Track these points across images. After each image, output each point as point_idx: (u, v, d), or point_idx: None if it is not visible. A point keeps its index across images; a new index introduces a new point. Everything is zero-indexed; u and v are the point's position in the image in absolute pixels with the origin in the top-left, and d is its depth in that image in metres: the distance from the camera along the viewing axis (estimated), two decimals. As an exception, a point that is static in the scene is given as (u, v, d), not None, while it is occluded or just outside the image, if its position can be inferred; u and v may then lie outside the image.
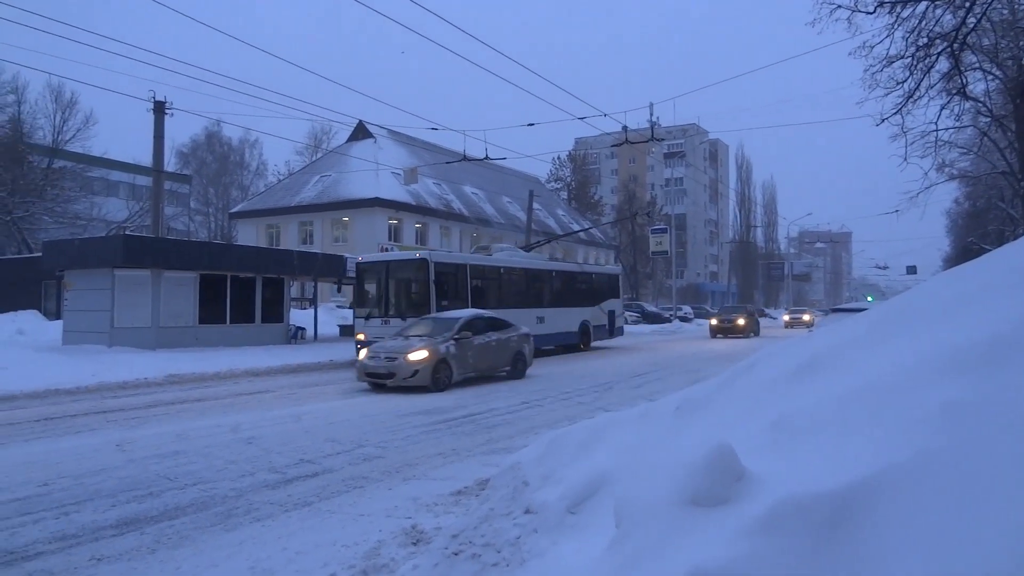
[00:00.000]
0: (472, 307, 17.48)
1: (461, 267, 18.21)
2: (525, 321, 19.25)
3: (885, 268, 69.64)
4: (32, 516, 5.05)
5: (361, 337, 17.10)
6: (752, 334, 32.09)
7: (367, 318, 17.31)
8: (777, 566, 1.99)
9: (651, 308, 47.53)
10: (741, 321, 32.07)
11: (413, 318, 16.11)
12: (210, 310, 19.67)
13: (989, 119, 20.38)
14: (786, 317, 45.54)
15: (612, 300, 24.91)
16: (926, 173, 19.57)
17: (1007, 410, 2.16)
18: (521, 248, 24.70)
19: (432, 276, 16.51)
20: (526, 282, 20.85)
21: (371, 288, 17.95)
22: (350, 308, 22.91)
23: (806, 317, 43.11)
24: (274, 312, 21.65)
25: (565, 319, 21.70)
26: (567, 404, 10.82)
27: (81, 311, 18.44)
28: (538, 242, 28.49)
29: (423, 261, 16.88)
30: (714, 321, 33.16)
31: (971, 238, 36.87)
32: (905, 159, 16.47)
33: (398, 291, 17.65)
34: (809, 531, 2.03)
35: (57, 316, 21.97)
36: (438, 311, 16.15)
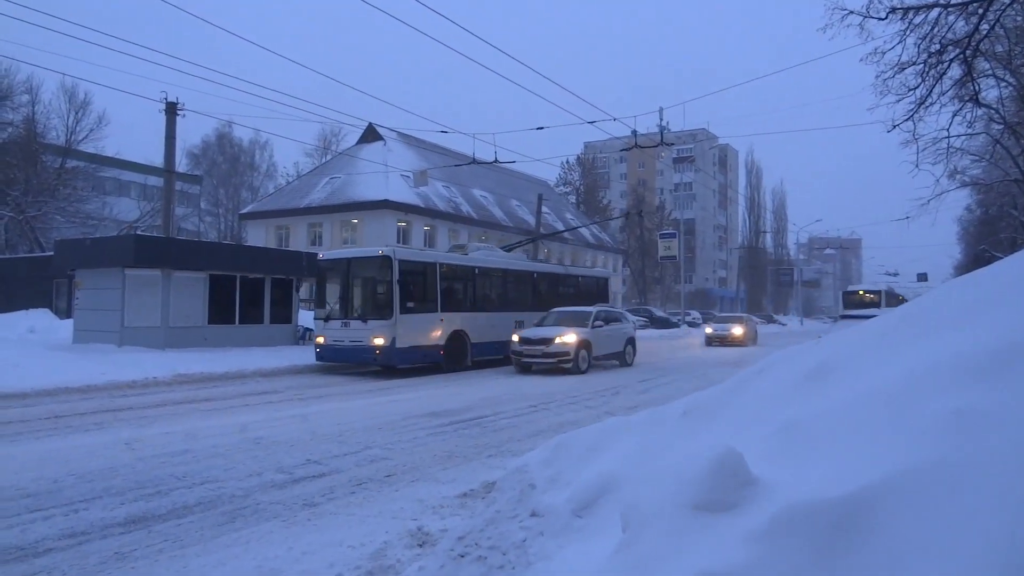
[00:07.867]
0: (443, 310, 16.68)
1: (431, 266, 16.79)
2: (503, 326, 18.35)
3: (895, 275, 69.02)
4: (42, 513, 5.09)
5: (321, 340, 16.16)
6: (750, 344, 29.18)
7: (327, 319, 16.15)
8: (783, 572, 1.98)
9: (659, 313, 47.42)
10: (738, 331, 29.05)
11: (375, 320, 15.34)
12: (219, 310, 19.74)
13: (1002, 126, 20.23)
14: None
15: (601, 304, 24.51)
16: (937, 180, 19.49)
17: (1018, 418, 2.14)
18: (502, 247, 23.51)
19: (396, 275, 15.18)
20: (504, 284, 19.92)
21: (332, 288, 16.59)
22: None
23: None
24: (283, 313, 21.70)
25: None
26: (574, 408, 10.81)
27: (92, 310, 18.56)
28: (519, 242, 26.66)
29: (386, 259, 15.38)
30: (709, 330, 30.23)
31: (983, 245, 36.65)
32: (916, 166, 16.38)
33: (360, 291, 16.51)
34: (816, 538, 2.03)
35: (68, 315, 22.13)
36: (402, 313, 15.27)
